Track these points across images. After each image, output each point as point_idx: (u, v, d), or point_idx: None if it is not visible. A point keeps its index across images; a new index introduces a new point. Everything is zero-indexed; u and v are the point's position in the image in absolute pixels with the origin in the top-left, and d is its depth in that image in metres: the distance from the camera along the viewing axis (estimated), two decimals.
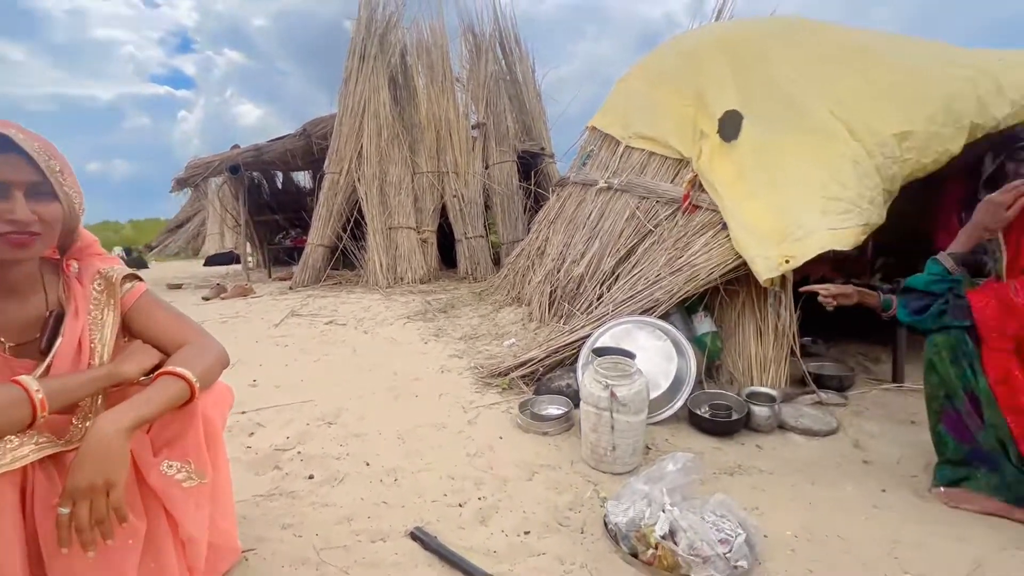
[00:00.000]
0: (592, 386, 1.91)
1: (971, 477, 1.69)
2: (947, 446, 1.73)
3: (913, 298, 1.72)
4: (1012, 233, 1.61)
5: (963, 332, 1.62)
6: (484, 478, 1.89)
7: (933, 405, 1.73)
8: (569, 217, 4.08)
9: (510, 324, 3.96)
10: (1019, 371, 1.53)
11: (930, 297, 1.67)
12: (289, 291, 5.90)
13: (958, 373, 1.64)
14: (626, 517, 1.47)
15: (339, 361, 3.30)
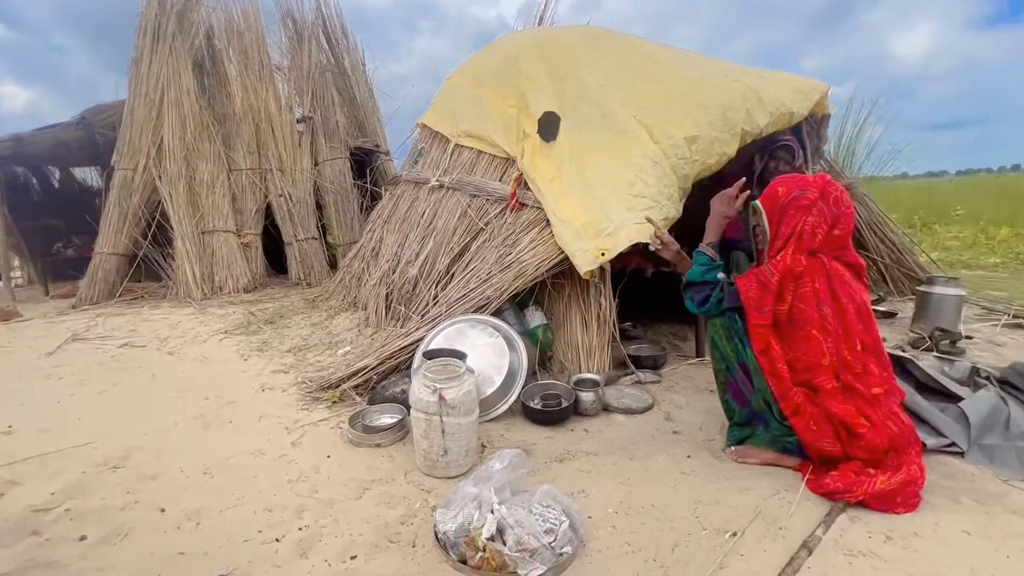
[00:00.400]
0: (421, 391, 1.84)
1: (753, 435, 1.97)
2: (733, 411, 1.99)
3: (695, 291, 1.95)
4: (772, 224, 1.89)
5: (734, 312, 1.87)
6: (307, 504, 1.73)
7: (719, 377, 1.98)
8: (403, 216, 3.97)
9: (345, 331, 3.73)
10: (776, 342, 1.79)
11: (708, 287, 1.92)
12: (72, 310, 4.91)
13: (733, 348, 1.90)
14: (455, 523, 1.44)
15: (133, 390, 2.80)
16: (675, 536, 1.55)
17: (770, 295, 1.76)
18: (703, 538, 1.54)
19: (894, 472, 1.66)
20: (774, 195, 1.86)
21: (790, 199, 1.80)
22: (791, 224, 1.79)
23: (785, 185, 1.86)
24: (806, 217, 1.77)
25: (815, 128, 3.67)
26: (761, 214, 1.88)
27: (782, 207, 1.81)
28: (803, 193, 1.80)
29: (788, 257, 1.77)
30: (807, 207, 1.77)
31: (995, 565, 1.40)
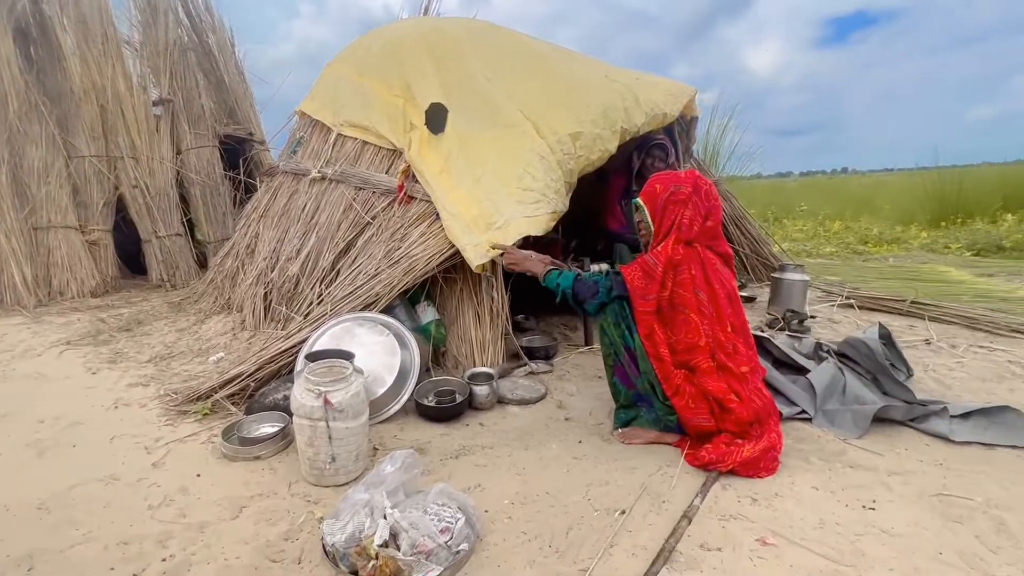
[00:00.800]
0: (303, 396, 1.71)
1: (638, 416, 2.08)
2: (620, 393, 2.09)
3: (584, 288, 2.04)
4: (655, 218, 1.99)
5: (621, 300, 1.97)
6: (172, 531, 1.54)
7: (607, 361, 2.07)
8: (282, 210, 3.69)
9: (218, 336, 3.40)
10: (659, 327, 1.91)
11: (594, 285, 2.02)
12: None
13: (620, 334, 1.99)
14: (344, 534, 1.35)
15: None
16: (569, 520, 1.59)
17: (655, 283, 1.88)
18: (595, 519, 1.59)
19: (758, 441, 1.84)
20: (653, 191, 1.99)
21: (668, 194, 1.94)
22: (671, 217, 1.93)
23: (662, 182, 1.99)
24: (683, 210, 1.92)
25: (685, 129, 3.97)
26: (643, 210, 2.01)
27: (663, 203, 1.94)
28: (679, 188, 1.94)
29: (669, 247, 1.90)
30: (683, 201, 1.92)
31: (837, 513, 1.60)
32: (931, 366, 2.73)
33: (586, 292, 2.03)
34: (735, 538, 1.50)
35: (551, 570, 1.38)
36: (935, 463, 1.87)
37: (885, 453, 1.94)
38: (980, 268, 5.27)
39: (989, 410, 2.08)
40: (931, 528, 1.53)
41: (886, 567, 1.38)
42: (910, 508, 1.62)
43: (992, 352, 2.90)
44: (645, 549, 1.46)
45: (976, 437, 1.99)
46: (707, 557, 1.43)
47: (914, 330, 3.31)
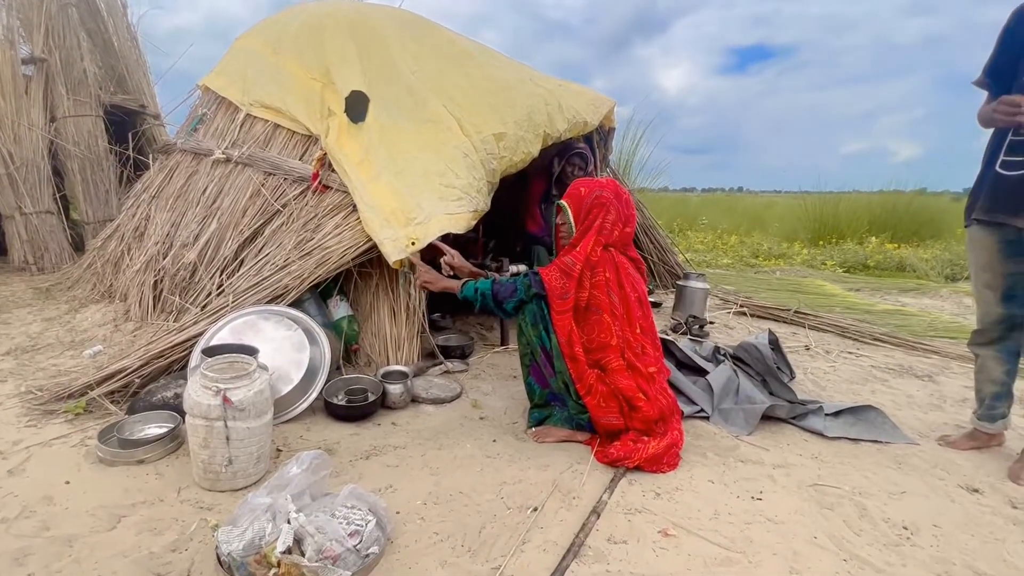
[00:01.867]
0: (199, 394, 1.58)
1: (551, 415, 2.12)
2: (535, 392, 2.13)
3: (503, 288, 2.06)
4: (578, 221, 2.04)
5: (540, 301, 2.00)
6: (33, 546, 1.35)
7: (524, 361, 2.10)
8: (178, 192, 3.38)
9: (96, 327, 3.05)
10: (575, 327, 1.96)
11: (511, 286, 2.05)
12: None
13: (537, 334, 2.03)
14: (242, 541, 1.26)
15: None
16: (482, 519, 1.59)
17: (572, 282, 1.93)
18: (508, 516, 1.60)
19: (662, 438, 1.94)
20: (578, 194, 2.05)
21: (592, 197, 2.01)
22: (593, 219, 1.99)
23: (586, 186, 2.06)
24: (606, 214, 1.99)
25: (604, 139, 4.13)
26: (567, 211, 2.06)
27: (587, 205, 2.01)
28: (602, 192, 2.02)
29: (588, 248, 1.96)
30: (606, 205, 1.99)
31: (730, 504, 1.73)
32: (809, 369, 3.03)
33: (505, 292, 2.05)
34: (639, 531, 1.57)
35: (464, 569, 1.37)
36: (812, 456, 2.07)
37: (771, 448, 2.12)
38: (849, 283, 5.94)
39: (855, 409, 2.35)
40: (808, 515, 1.69)
41: (770, 552, 1.50)
42: (791, 497, 1.78)
43: (858, 358, 3.27)
44: (556, 544, 1.49)
45: (844, 433, 2.23)
46: (613, 550, 1.48)
47: (796, 336, 3.65)
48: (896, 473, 1.96)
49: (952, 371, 3.06)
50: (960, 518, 1.69)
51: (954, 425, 2.34)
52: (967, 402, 2.60)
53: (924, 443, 2.18)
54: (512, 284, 2.04)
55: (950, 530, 1.63)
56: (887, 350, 3.43)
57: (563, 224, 2.12)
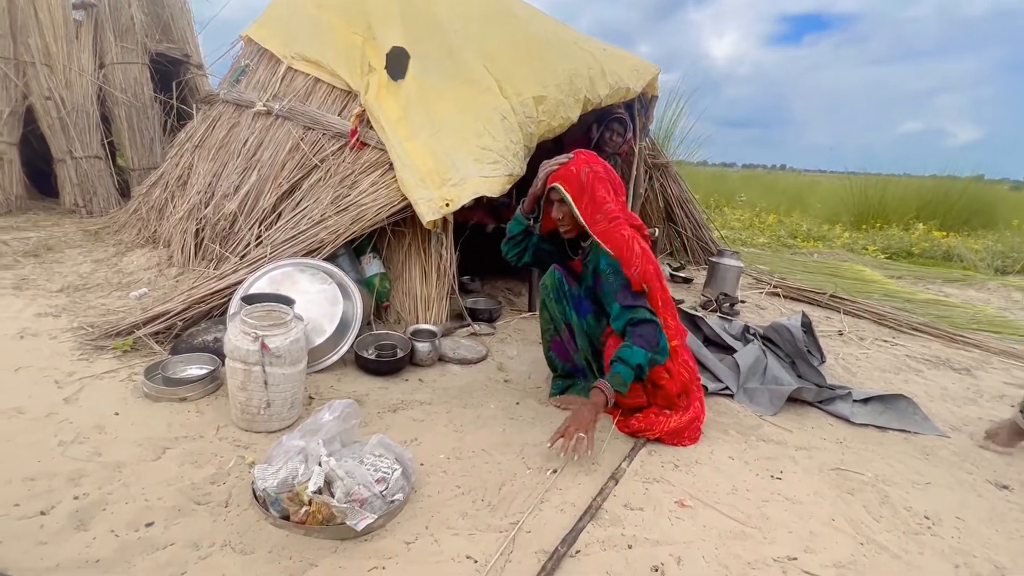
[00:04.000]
0: (239, 339, 1.64)
1: (574, 385, 2.14)
2: (556, 366, 2.16)
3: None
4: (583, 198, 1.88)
5: (563, 276, 1.98)
6: (87, 469, 1.46)
7: (545, 335, 2.14)
8: (220, 142, 3.44)
9: (141, 271, 3.17)
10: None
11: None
12: None
13: (560, 310, 2.04)
14: (277, 479, 1.33)
15: None
16: (502, 476, 1.63)
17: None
18: (527, 476, 1.65)
19: (684, 412, 1.94)
20: (569, 172, 1.89)
21: (586, 171, 1.88)
22: (599, 196, 1.87)
23: (575, 164, 1.90)
24: (607, 189, 1.89)
25: (644, 107, 4.01)
26: (562, 192, 1.89)
27: (589, 182, 1.87)
28: (592, 169, 1.89)
29: (623, 225, 1.86)
30: (602, 178, 1.90)
31: (748, 481, 1.74)
32: (841, 355, 2.97)
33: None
34: (656, 499, 1.59)
35: (483, 522, 1.43)
36: (836, 441, 2.05)
37: (794, 430, 2.11)
38: (891, 270, 5.74)
39: (886, 397, 2.30)
40: (827, 498, 1.69)
41: (786, 530, 1.51)
42: (811, 479, 1.78)
43: (893, 346, 3.19)
44: (573, 506, 1.53)
45: (872, 420, 2.20)
46: (629, 515, 1.52)
47: (830, 321, 3.57)
48: (922, 464, 1.93)
49: (992, 366, 2.96)
50: (985, 513, 1.67)
51: (988, 420, 2.27)
52: (1005, 398, 2.53)
53: (955, 436, 2.14)
54: (652, 332, 1.81)
55: (973, 524, 1.61)
56: (925, 340, 3.33)
57: (564, 214, 1.92)
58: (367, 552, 1.28)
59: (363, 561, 1.25)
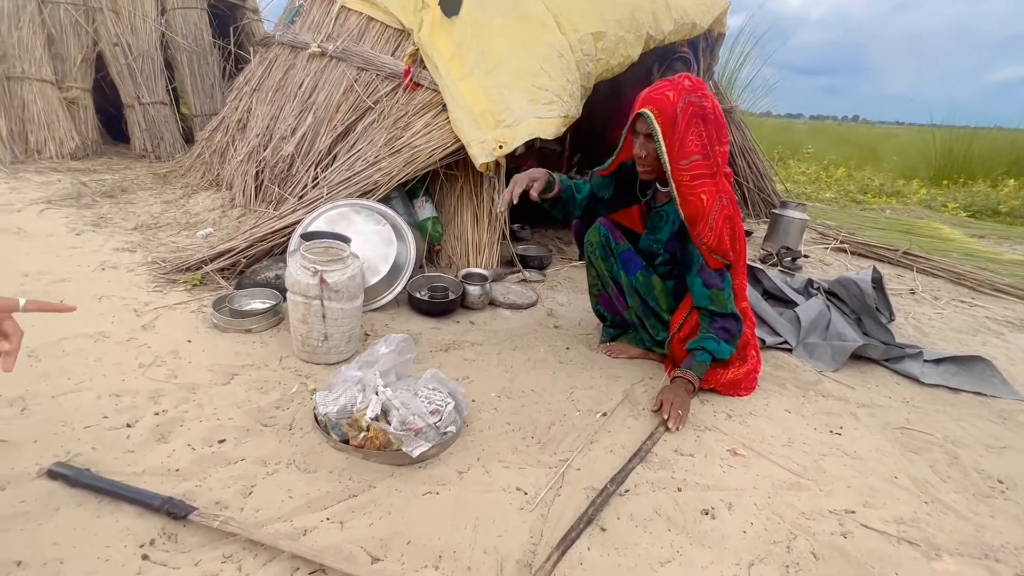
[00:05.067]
0: (299, 273, 1.69)
1: (624, 333, 2.11)
2: (605, 318, 2.13)
3: (733, 333, 1.78)
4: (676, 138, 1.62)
5: (608, 231, 1.92)
6: (165, 389, 1.56)
7: (593, 291, 2.10)
8: (277, 85, 3.47)
9: (206, 212, 3.31)
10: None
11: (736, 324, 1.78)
12: None
13: (608, 267, 1.98)
14: (337, 406, 1.38)
15: None
16: (552, 416, 1.65)
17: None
18: (577, 418, 1.65)
19: (741, 364, 1.88)
20: (664, 99, 1.59)
21: (685, 105, 1.58)
22: (693, 139, 1.60)
23: (673, 89, 1.60)
24: (701, 133, 1.60)
25: (710, 46, 3.75)
26: (653, 125, 1.61)
27: (683, 119, 1.59)
28: (695, 100, 1.59)
29: (707, 186, 1.64)
30: (706, 117, 1.61)
31: (805, 435, 1.69)
32: (912, 314, 2.80)
33: (735, 335, 1.78)
34: (708, 447, 1.57)
35: (533, 458, 1.45)
36: (902, 400, 1.96)
37: (857, 387, 2.02)
38: (973, 229, 5.31)
39: (961, 358, 2.16)
40: (891, 455, 1.62)
41: (844, 484, 1.47)
42: (873, 437, 1.71)
43: (972, 307, 2.97)
44: (623, 448, 1.53)
45: (944, 381, 2.08)
46: (680, 460, 1.50)
47: (901, 279, 3.36)
48: (998, 428, 1.82)
49: None
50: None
51: None
52: None
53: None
54: (737, 330, 1.77)
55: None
56: (1008, 302, 3.09)
57: (646, 146, 1.65)
58: (421, 478, 1.32)
59: (418, 486, 1.30)
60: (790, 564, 1.19)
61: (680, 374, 1.75)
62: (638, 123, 1.68)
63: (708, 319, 1.77)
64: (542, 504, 1.29)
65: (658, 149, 1.63)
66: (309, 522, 1.16)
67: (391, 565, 1.08)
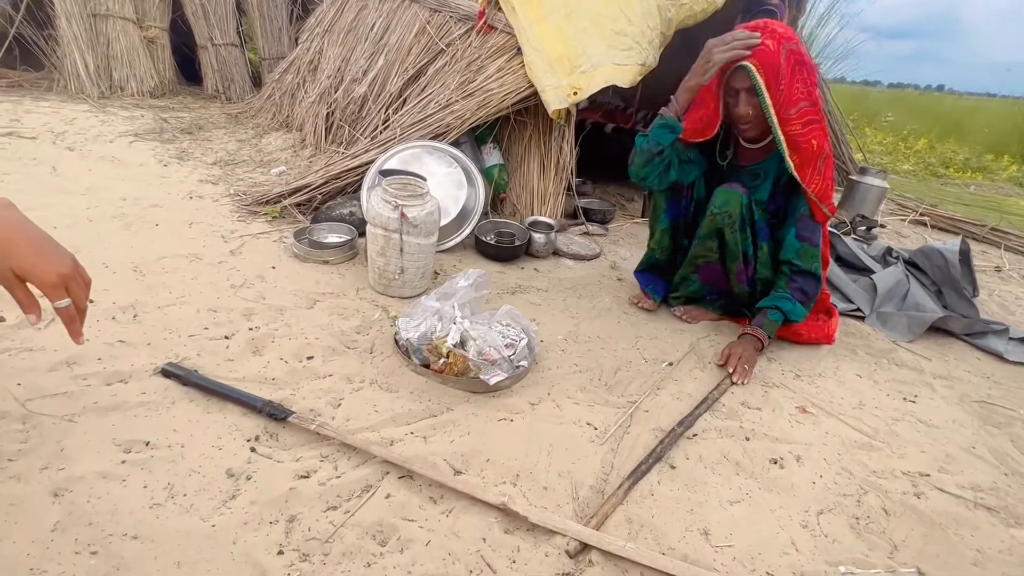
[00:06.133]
0: (380, 207, 1.74)
1: (702, 300, 2.01)
2: (692, 285, 1.95)
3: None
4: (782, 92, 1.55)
5: (752, 203, 1.72)
6: (256, 308, 1.66)
7: (696, 261, 1.85)
8: (348, 26, 3.49)
9: (278, 151, 3.41)
10: None
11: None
12: None
13: (743, 239, 1.73)
14: (417, 332, 1.45)
15: (29, 183, 2.45)
16: (617, 362, 1.67)
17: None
18: (643, 366, 1.67)
19: (813, 326, 1.86)
20: (766, 50, 1.50)
21: (787, 55, 1.50)
22: (798, 90, 1.53)
23: (772, 37, 1.50)
24: (805, 78, 1.54)
25: None
26: (756, 80, 1.53)
27: (788, 66, 1.52)
28: (794, 48, 1.53)
29: (817, 132, 1.58)
30: (805, 63, 1.54)
31: (877, 399, 1.65)
32: (997, 291, 2.65)
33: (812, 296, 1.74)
34: (775, 402, 1.57)
35: (601, 398, 1.48)
36: (983, 375, 1.88)
37: (933, 359, 1.95)
38: None
39: None
40: (968, 427, 1.57)
41: (918, 449, 1.44)
42: (951, 408, 1.66)
43: None
44: (690, 396, 1.54)
45: None
46: (747, 413, 1.51)
47: (986, 256, 3.17)
48: None
49: None
50: None
51: None
52: None
53: None
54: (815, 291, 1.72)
55: None
56: None
57: (751, 101, 1.55)
58: (496, 406, 1.38)
59: (493, 412, 1.35)
60: (860, 517, 1.19)
61: (750, 331, 1.73)
62: (735, 79, 1.58)
63: (787, 278, 1.73)
64: (612, 439, 1.32)
65: (762, 103, 1.55)
66: (395, 434, 1.24)
67: (472, 478, 1.15)
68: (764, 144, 1.72)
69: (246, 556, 0.91)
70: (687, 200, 1.89)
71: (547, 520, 1.04)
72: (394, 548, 0.96)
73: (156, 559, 0.89)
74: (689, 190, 1.87)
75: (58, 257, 0.80)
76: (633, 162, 1.75)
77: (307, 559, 0.92)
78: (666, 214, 1.90)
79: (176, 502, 0.99)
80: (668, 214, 1.90)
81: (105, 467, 1.03)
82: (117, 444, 1.09)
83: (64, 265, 0.80)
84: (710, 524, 1.11)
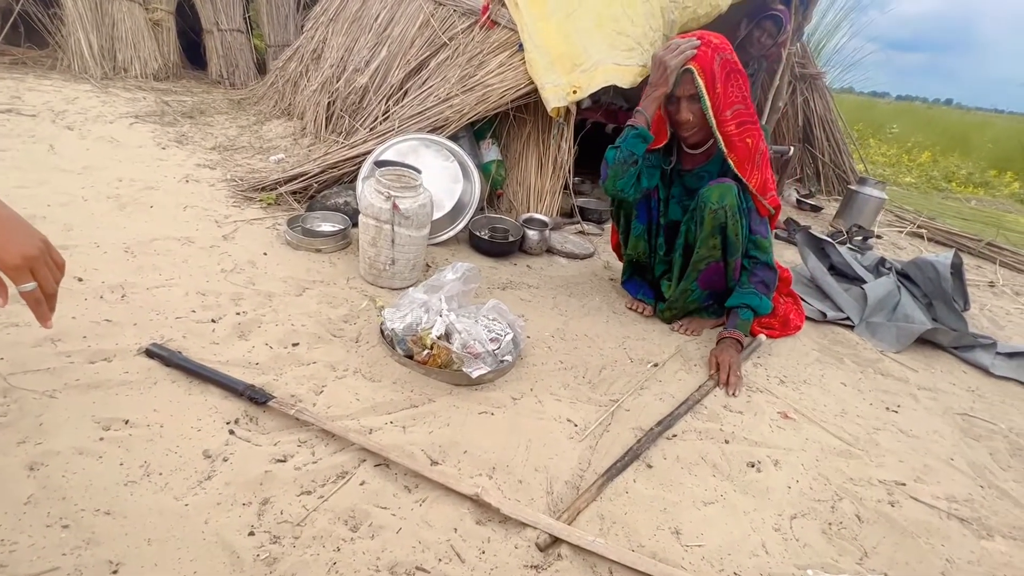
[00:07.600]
0: (373, 197, 1.75)
1: (700, 309, 1.98)
2: (693, 294, 1.89)
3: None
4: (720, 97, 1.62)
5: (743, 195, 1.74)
6: (244, 293, 1.67)
7: (700, 265, 1.80)
8: (353, 16, 3.48)
9: (278, 138, 3.41)
10: None
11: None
12: None
13: (742, 228, 1.73)
14: (403, 323, 1.45)
15: (25, 160, 2.45)
16: (603, 361, 1.68)
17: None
18: (628, 366, 1.68)
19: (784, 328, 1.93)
20: (704, 56, 1.59)
21: (721, 62, 1.60)
22: (733, 94, 1.63)
23: (709, 46, 1.60)
24: (739, 83, 1.64)
25: (805, 3, 3.50)
26: (699, 85, 1.60)
27: (723, 71, 1.61)
28: (725, 56, 1.60)
29: (752, 132, 1.68)
30: (737, 70, 1.64)
31: (860, 408, 1.66)
32: (988, 306, 2.66)
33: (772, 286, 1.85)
34: (758, 406, 1.58)
35: (583, 395, 1.49)
36: (967, 388, 1.89)
37: (919, 370, 1.96)
38: None
39: None
40: (949, 439, 1.58)
41: (896, 458, 1.45)
42: (932, 419, 1.67)
43: None
44: (672, 397, 1.55)
45: (1017, 375, 1.99)
46: (728, 416, 1.51)
47: (981, 271, 3.17)
48: None
49: None
50: None
51: None
52: None
53: None
54: (774, 281, 1.84)
55: None
56: None
57: (691, 108, 1.63)
58: (478, 399, 1.39)
59: (474, 405, 1.36)
60: (833, 523, 1.20)
61: (728, 334, 1.77)
62: (676, 87, 1.64)
63: (749, 272, 1.82)
64: (591, 437, 1.33)
65: (703, 105, 1.63)
66: (374, 423, 1.24)
67: (448, 468, 1.15)
68: (705, 148, 1.80)
69: (217, 536, 0.92)
70: (656, 200, 1.93)
71: (519, 512, 1.04)
72: (365, 534, 0.97)
73: (127, 535, 0.89)
74: (656, 191, 1.92)
75: (25, 238, 0.78)
76: (607, 176, 1.75)
77: (277, 541, 0.93)
78: (638, 219, 1.95)
79: (151, 480, 1.00)
80: (640, 219, 1.95)
81: (83, 443, 1.04)
82: (96, 421, 1.10)
83: (30, 247, 0.78)
84: (682, 523, 1.12)
